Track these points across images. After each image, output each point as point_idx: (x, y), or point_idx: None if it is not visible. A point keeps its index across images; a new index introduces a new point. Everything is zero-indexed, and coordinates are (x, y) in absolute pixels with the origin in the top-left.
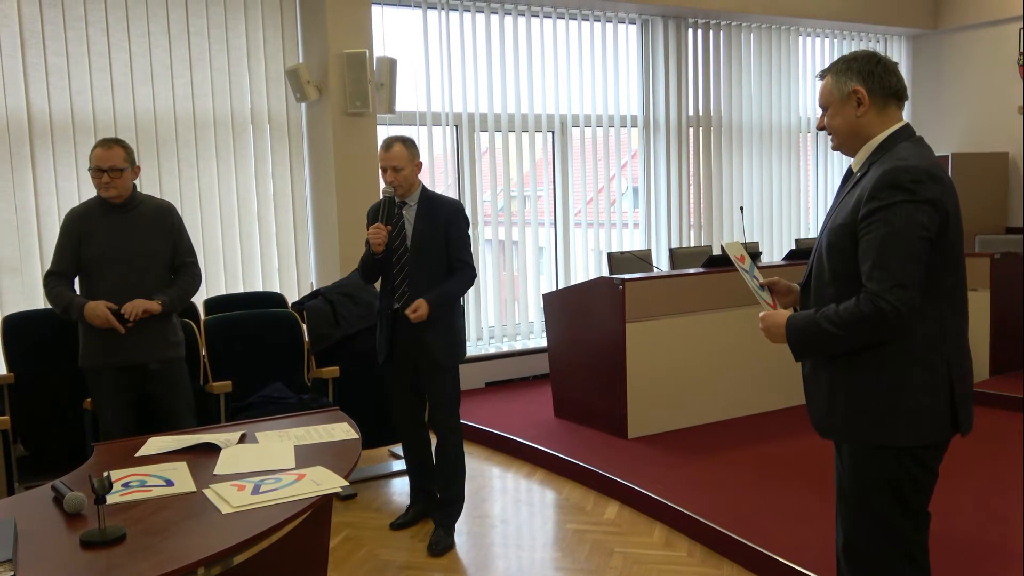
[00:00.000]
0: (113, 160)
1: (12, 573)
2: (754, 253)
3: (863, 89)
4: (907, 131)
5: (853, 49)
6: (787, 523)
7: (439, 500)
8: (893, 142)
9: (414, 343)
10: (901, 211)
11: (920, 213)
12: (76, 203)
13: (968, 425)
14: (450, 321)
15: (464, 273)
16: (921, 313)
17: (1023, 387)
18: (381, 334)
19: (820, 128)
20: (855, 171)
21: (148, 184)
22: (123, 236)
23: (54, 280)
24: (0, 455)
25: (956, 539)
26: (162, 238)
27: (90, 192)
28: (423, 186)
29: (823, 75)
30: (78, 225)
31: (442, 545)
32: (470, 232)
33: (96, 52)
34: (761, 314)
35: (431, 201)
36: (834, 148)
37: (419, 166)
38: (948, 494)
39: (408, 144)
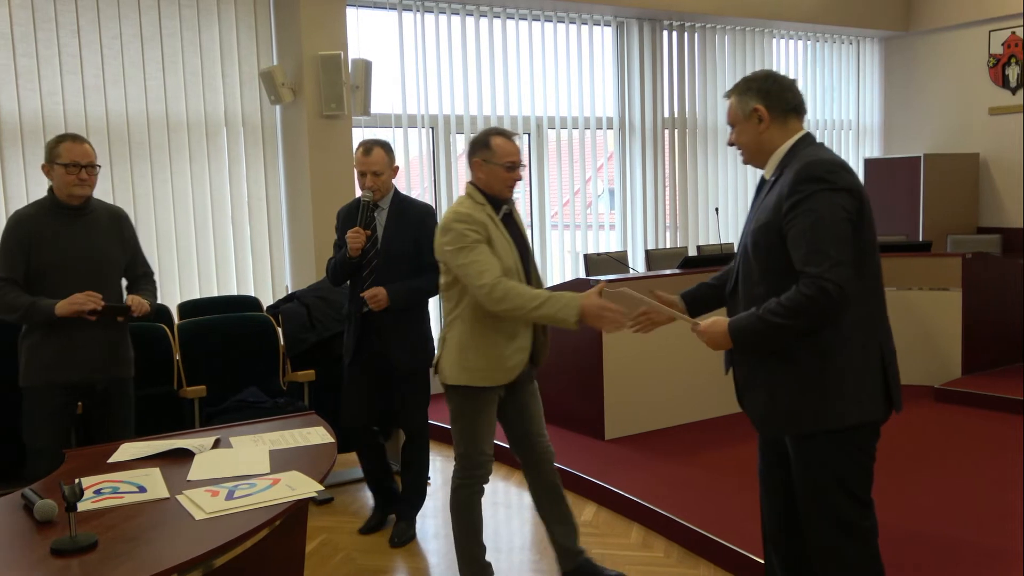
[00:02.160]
0: (91, 156)
1: None
2: (729, 254)
3: (763, 107)
4: (809, 138)
5: (826, 51)
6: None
7: (403, 495)
8: (798, 148)
9: (382, 346)
10: (823, 199)
11: (840, 198)
12: None
13: (900, 403)
14: (417, 326)
15: (433, 275)
16: (851, 296)
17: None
18: (349, 336)
19: (730, 144)
20: (768, 178)
21: (121, 187)
22: (80, 242)
23: (5, 286)
24: None
25: (941, 540)
26: (119, 245)
27: None
28: (395, 189)
29: (728, 95)
30: (28, 228)
31: (405, 537)
32: None
33: (67, 54)
34: (700, 326)
35: (403, 204)
36: (745, 162)
37: (395, 170)
38: (932, 492)
39: (387, 149)
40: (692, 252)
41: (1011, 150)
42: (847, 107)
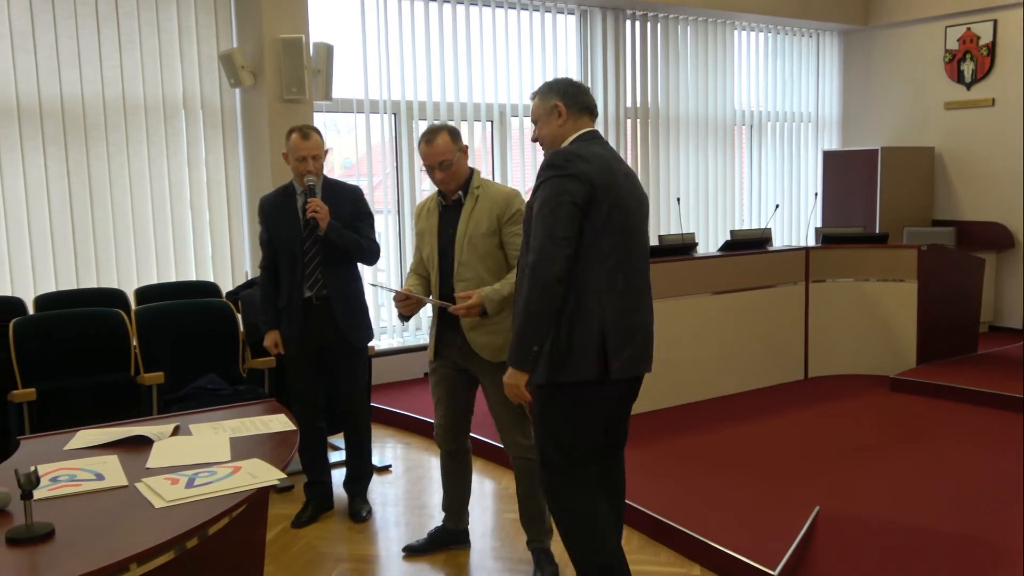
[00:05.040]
0: None
1: None
2: (691, 244)
3: (562, 104)
4: (591, 133)
5: (787, 44)
6: (723, 510)
7: (355, 474)
8: (574, 142)
9: (329, 330)
10: (552, 184)
11: (568, 183)
12: (9, 190)
13: (620, 371)
14: (361, 304)
15: (370, 244)
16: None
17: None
18: (291, 326)
19: (534, 140)
20: None
21: (76, 170)
22: None
23: None
24: None
25: (897, 528)
26: None
27: (14, 176)
28: (323, 174)
29: (533, 96)
30: None
31: (367, 509)
32: (382, 219)
33: (19, 32)
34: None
35: (334, 187)
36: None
37: (326, 153)
38: (885, 482)
39: (320, 134)
40: (654, 242)
41: (966, 144)
42: (807, 100)
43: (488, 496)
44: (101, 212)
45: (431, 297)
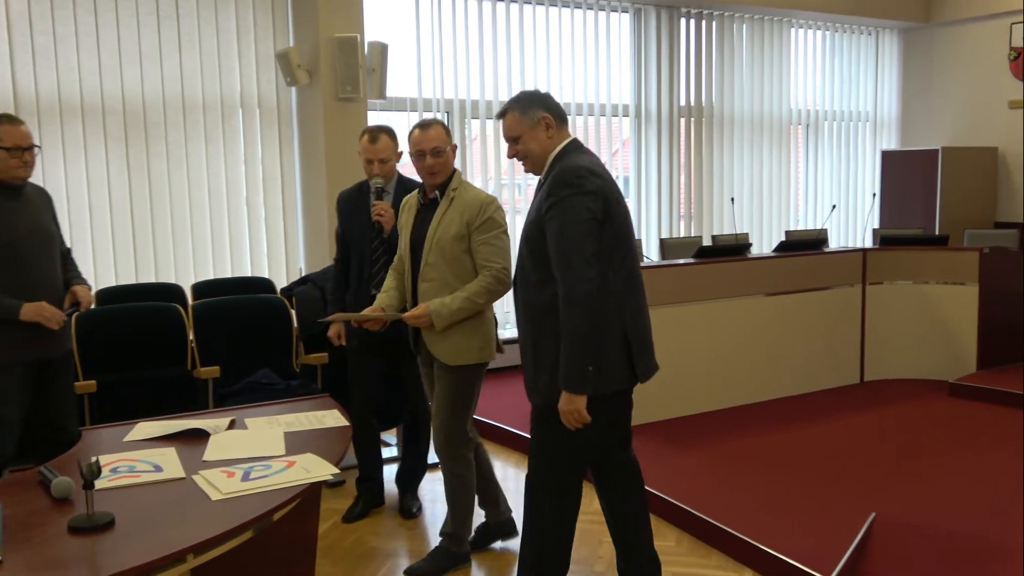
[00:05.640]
0: (30, 138)
1: (0, 558)
2: (745, 244)
3: (550, 116)
4: (575, 143)
5: (845, 42)
6: (776, 514)
7: (408, 469)
8: (567, 151)
9: (391, 331)
10: (571, 202)
11: (586, 200)
12: (64, 186)
13: (644, 375)
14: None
15: None
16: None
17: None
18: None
19: (511, 156)
20: (542, 180)
21: (136, 167)
22: (26, 219)
23: None
24: None
25: (954, 536)
26: (53, 221)
27: (77, 173)
28: (398, 173)
29: (504, 113)
30: None
31: (417, 505)
32: None
33: (84, 32)
34: (406, 313)
35: (408, 187)
36: (528, 170)
37: (399, 155)
38: (943, 489)
39: (392, 135)
40: (707, 242)
41: None
42: (865, 99)
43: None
44: (160, 208)
45: (384, 311)
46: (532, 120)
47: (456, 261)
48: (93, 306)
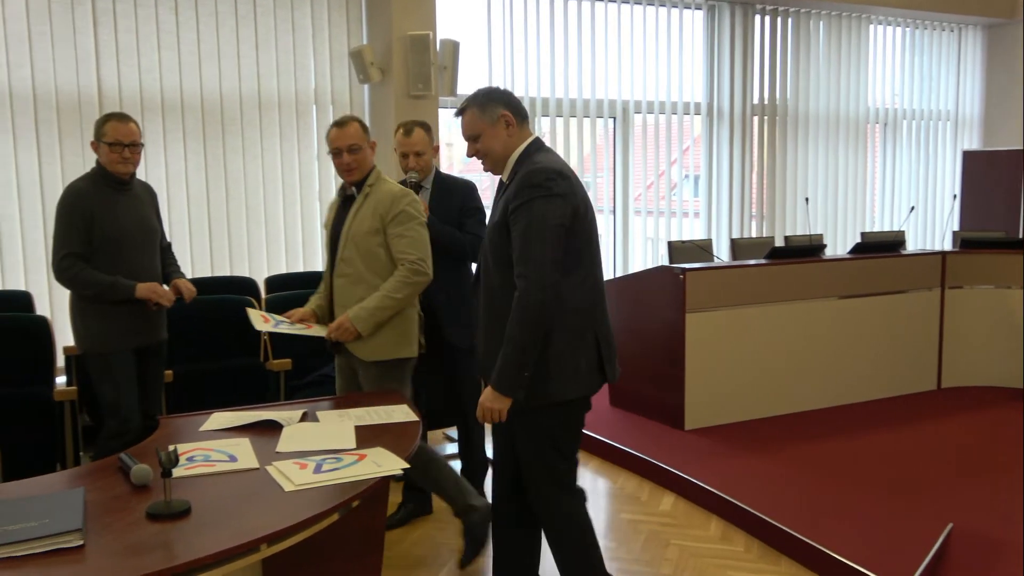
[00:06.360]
0: (135, 135)
1: (81, 542)
2: (819, 245)
3: (510, 113)
4: (538, 143)
5: (926, 39)
6: (848, 521)
7: (467, 468)
8: (530, 151)
9: (431, 327)
10: (537, 205)
11: (554, 204)
12: (152, 181)
13: (613, 375)
14: (467, 304)
15: (473, 240)
16: (553, 290)
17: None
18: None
19: (471, 155)
20: (505, 180)
21: (213, 163)
22: (131, 214)
23: (78, 262)
24: (68, 425)
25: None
26: (156, 217)
27: (158, 168)
28: (436, 168)
29: (462, 111)
30: (85, 203)
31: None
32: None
33: (164, 31)
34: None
35: (446, 183)
36: (487, 169)
37: (436, 149)
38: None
39: (428, 129)
40: (779, 243)
41: None
42: (946, 97)
43: (602, 496)
44: (235, 203)
45: (308, 327)
46: (491, 118)
47: (371, 255)
48: (188, 301)
